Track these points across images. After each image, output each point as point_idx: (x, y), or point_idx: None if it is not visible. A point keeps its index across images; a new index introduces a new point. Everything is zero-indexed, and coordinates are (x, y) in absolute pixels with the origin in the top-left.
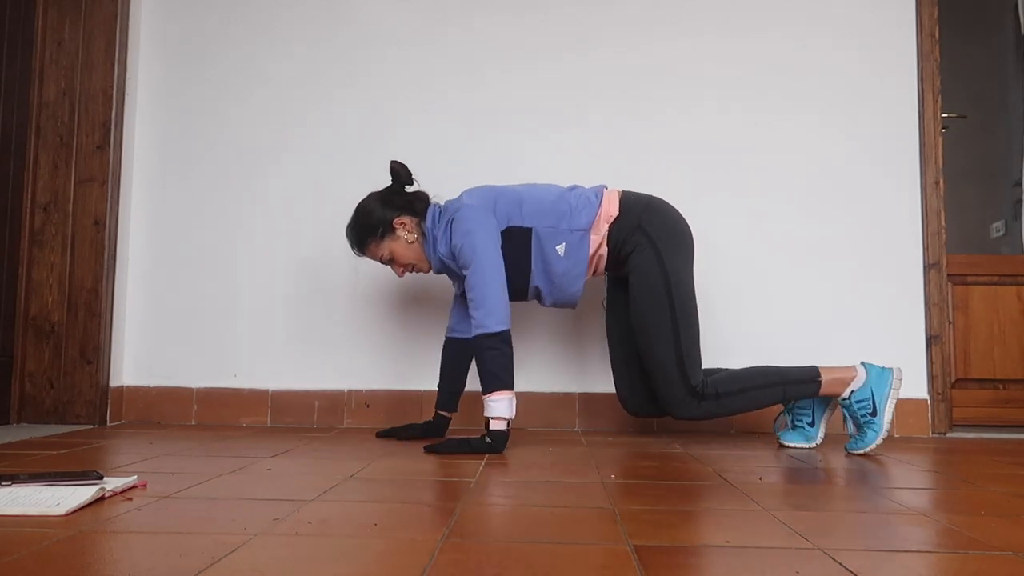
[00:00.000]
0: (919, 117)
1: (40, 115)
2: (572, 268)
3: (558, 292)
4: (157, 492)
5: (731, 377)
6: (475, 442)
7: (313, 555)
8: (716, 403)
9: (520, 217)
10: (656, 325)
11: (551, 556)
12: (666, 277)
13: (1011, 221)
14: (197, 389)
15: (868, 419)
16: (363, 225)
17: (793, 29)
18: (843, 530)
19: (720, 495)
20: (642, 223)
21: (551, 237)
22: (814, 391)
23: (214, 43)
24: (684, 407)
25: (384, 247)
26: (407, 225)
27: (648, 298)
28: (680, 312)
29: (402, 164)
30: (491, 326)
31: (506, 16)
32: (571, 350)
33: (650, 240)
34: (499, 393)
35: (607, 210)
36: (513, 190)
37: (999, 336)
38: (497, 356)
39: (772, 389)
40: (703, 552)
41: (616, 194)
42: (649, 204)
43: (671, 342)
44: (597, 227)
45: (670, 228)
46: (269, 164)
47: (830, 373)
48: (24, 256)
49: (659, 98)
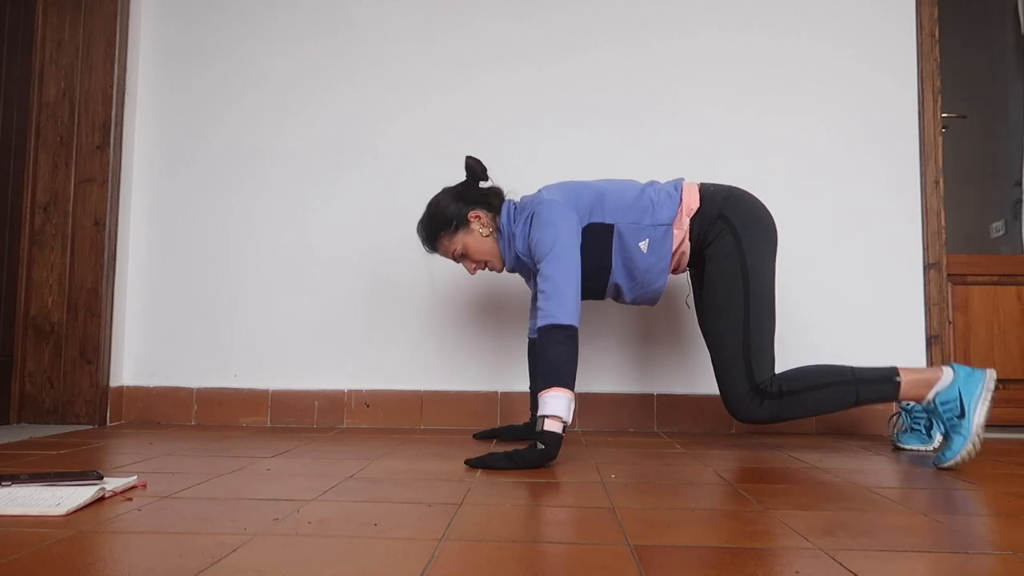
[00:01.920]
0: (919, 117)
1: (40, 115)
2: (655, 264)
3: (639, 289)
4: (157, 492)
5: (797, 375)
6: (524, 452)
7: (313, 555)
8: (780, 403)
9: (602, 213)
10: (727, 312)
11: (551, 556)
12: (744, 264)
13: (1011, 221)
14: (197, 389)
15: (955, 422)
16: (436, 219)
17: (793, 29)
18: (843, 530)
19: (720, 495)
20: (724, 211)
21: (634, 233)
22: (891, 392)
23: (213, 43)
24: (745, 405)
25: (458, 241)
26: (482, 219)
27: (723, 283)
28: (756, 302)
29: (477, 160)
30: (561, 318)
31: (507, 16)
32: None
33: (731, 227)
34: (558, 390)
35: (688, 203)
36: (594, 186)
37: (999, 336)
38: (562, 351)
39: (843, 388)
40: (703, 552)
41: (696, 186)
42: (730, 193)
43: (740, 331)
44: (680, 221)
45: (753, 216)
46: (269, 163)
47: (911, 374)
48: (24, 256)
49: (659, 99)
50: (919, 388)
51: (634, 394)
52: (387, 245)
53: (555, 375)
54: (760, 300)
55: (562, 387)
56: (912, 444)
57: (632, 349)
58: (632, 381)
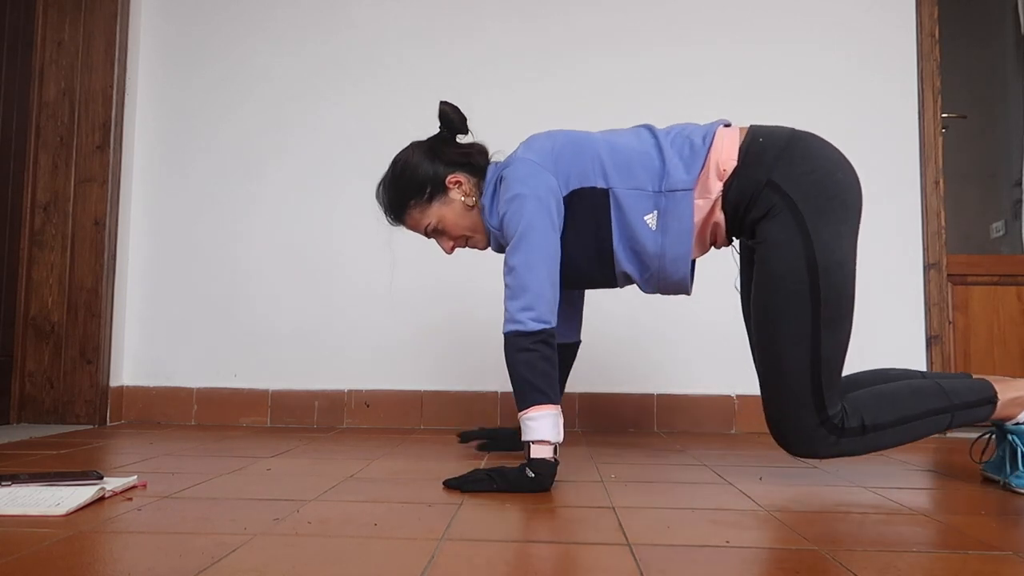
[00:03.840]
0: (919, 117)
1: (40, 115)
2: (669, 247)
3: (658, 280)
4: (157, 492)
5: (879, 400)
6: (511, 474)
7: (313, 555)
8: (862, 440)
9: (593, 174)
10: (787, 322)
11: (551, 556)
12: (810, 255)
13: (1011, 221)
14: (197, 389)
15: None
16: (405, 183)
17: (793, 29)
18: (843, 530)
19: (720, 495)
20: (774, 177)
21: (636, 203)
22: (987, 415)
23: (214, 43)
24: (817, 443)
25: (432, 213)
26: (464, 185)
27: (780, 281)
28: (829, 308)
29: (454, 106)
30: (526, 322)
31: (511, 19)
32: None
33: (788, 202)
34: (539, 408)
35: (719, 160)
36: (588, 137)
37: (999, 336)
38: (534, 360)
39: (938, 417)
40: (703, 552)
41: (736, 133)
42: (788, 146)
43: (806, 349)
44: (704, 186)
45: (820, 181)
46: (269, 163)
47: (1009, 391)
48: (24, 256)
49: (659, 103)
50: (1013, 407)
51: (634, 394)
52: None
53: (531, 393)
54: (835, 305)
55: (543, 404)
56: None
57: (632, 349)
58: (632, 381)
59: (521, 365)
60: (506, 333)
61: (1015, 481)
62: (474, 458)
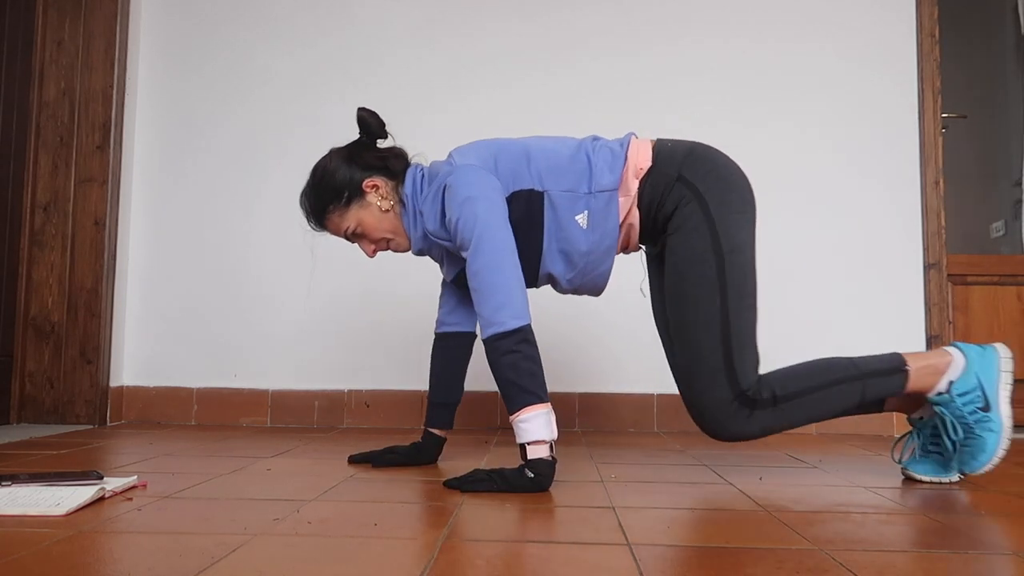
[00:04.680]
0: (919, 117)
1: (40, 115)
2: (599, 243)
3: (580, 277)
4: (157, 492)
5: (789, 374)
6: (511, 474)
7: (313, 555)
8: (775, 412)
9: (529, 177)
10: (698, 301)
11: (551, 556)
12: (716, 239)
13: (1011, 221)
14: (197, 389)
15: (981, 417)
16: (323, 189)
17: (792, 29)
18: (843, 530)
19: (720, 495)
20: (683, 172)
21: (569, 204)
22: (900, 385)
23: (214, 43)
24: (730, 418)
25: (351, 217)
26: (381, 189)
27: (690, 264)
28: (734, 286)
29: (372, 112)
30: (506, 322)
31: (513, 19)
32: (570, 348)
33: (695, 193)
34: (530, 409)
35: (636, 161)
36: (518, 142)
37: (999, 336)
38: (519, 360)
39: (848, 386)
40: (703, 552)
41: (648, 142)
42: (693, 150)
43: (717, 325)
44: (626, 186)
45: (722, 177)
46: (270, 163)
47: (917, 360)
48: (24, 256)
49: (659, 102)
50: (927, 376)
51: (634, 394)
52: None
53: (520, 394)
54: (740, 283)
55: (533, 405)
56: (930, 475)
57: (632, 349)
58: (632, 381)
59: (506, 368)
60: (486, 339)
61: (965, 466)
62: (473, 458)
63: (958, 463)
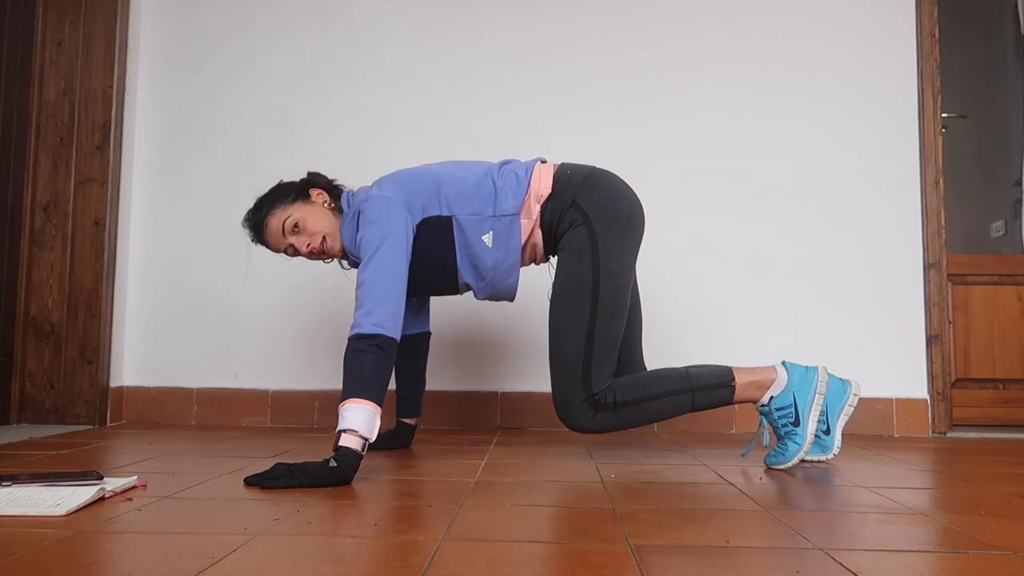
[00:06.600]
0: (919, 117)
1: (40, 115)
2: (503, 260)
3: (490, 288)
4: (157, 492)
5: (633, 383)
6: (312, 468)
7: (313, 555)
8: (614, 414)
9: (438, 204)
10: (571, 315)
11: (551, 556)
12: (596, 262)
13: (1011, 221)
14: (197, 389)
15: (789, 429)
16: (273, 193)
17: (793, 29)
18: (843, 530)
19: (720, 495)
20: (577, 199)
21: (475, 226)
22: (727, 397)
23: (214, 43)
24: (578, 415)
25: (292, 210)
26: (324, 196)
27: (570, 281)
28: (604, 306)
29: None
30: (364, 326)
31: (512, 18)
32: None
33: (584, 218)
34: (357, 401)
35: (537, 188)
36: (431, 172)
37: (999, 336)
38: (365, 360)
39: (679, 397)
40: (703, 552)
41: (551, 168)
42: (588, 177)
43: (582, 338)
44: (527, 209)
45: (610, 204)
46: (269, 163)
47: (746, 375)
48: (24, 256)
49: (659, 100)
50: (753, 391)
51: None
52: None
53: (355, 386)
54: (609, 304)
55: (363, 399)
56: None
57: None
58: None
59: (351, 363)
60: (348, 337)
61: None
62: (473, 457)
63: (770, 455)
